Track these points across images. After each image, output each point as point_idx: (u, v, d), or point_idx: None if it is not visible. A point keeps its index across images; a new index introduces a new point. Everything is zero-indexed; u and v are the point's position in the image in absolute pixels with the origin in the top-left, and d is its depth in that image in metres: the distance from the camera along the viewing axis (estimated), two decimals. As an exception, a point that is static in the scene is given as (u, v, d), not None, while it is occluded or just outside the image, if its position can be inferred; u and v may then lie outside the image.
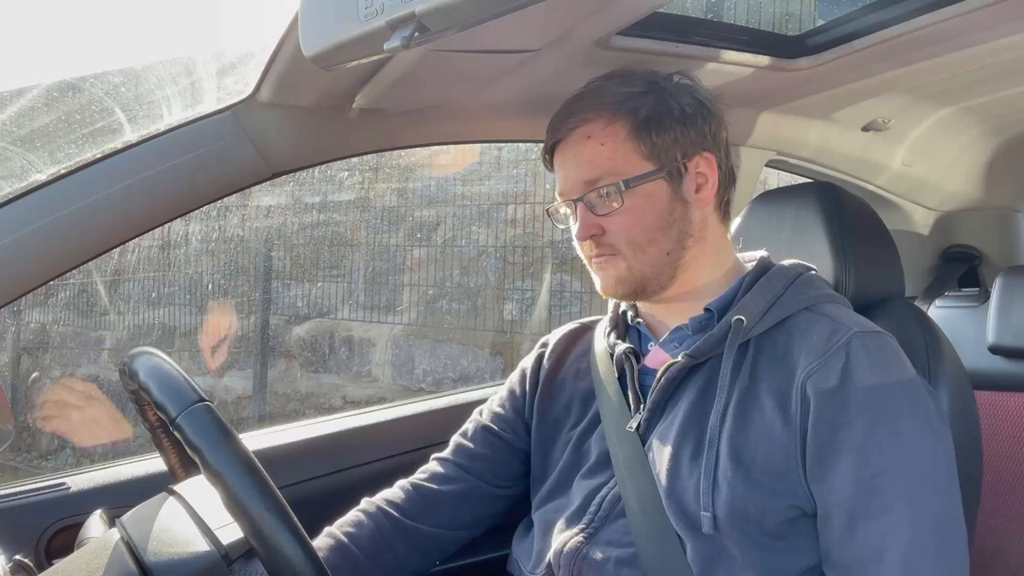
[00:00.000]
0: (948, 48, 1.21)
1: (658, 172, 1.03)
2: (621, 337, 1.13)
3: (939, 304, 1.82)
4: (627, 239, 1.03)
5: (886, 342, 0.96)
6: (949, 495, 0.90)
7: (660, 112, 1.04)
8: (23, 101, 1.54)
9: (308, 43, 0.88)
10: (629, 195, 1.02)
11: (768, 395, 0.95)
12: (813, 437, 0.91)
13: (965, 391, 1.13)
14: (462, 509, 1.18)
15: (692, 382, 1.01)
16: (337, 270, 5.43)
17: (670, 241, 1.04)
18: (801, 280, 1.04)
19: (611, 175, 1.03)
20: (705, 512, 0.92)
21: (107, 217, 1.09)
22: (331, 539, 1.11)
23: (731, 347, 0.98)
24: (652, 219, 1.03)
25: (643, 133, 1.03)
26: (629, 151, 1.03)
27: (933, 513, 0.88)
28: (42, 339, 6.69)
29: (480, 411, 1.27)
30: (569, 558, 1.01)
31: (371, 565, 1.10)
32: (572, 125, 1.06)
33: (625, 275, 1.05)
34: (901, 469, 0.88)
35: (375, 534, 1.12)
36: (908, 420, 0.91)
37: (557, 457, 1.13)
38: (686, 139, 1.05)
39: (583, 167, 1.05)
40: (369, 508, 1.16)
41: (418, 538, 1.15)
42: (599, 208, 1.04)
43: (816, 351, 0.94)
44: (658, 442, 1.01)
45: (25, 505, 1.15)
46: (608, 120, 1.04)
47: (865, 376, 0.92)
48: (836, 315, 0.99)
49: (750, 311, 1.00)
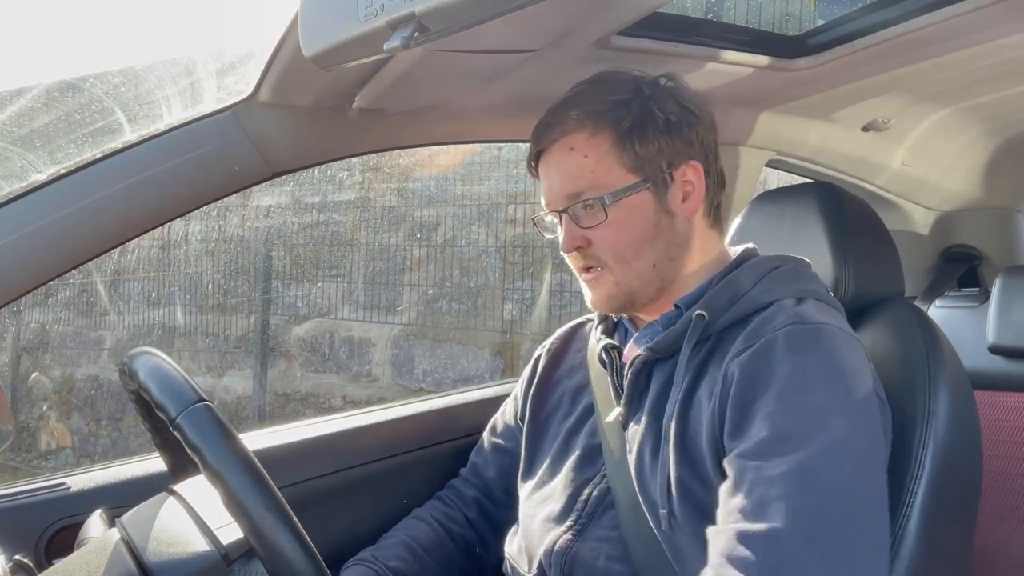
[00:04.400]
0: (948, 48, 1.21)
1: (642, 184, 1.02)
2: (608, 332, 1.14)
3: (939, 304, 1.82)
4: (613, 252, 1.02)
5: (825, 330, 0.93)
6: (856, 475, 0.85)
7: (643, 122, 1.02)
8: (23, 101, 1.54)
9: (308, 43, 0.88)
10: (613, 208, 1.01)
11: (706, 387, 0.95)
12: (730, 413, 0.90)
13: (965, 391, 1.13)
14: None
15: (656, 377, 1.02)
16: (337, 270, 5.43)
17: (656, 253, 1.03)
18: (773, 275, 1.02)
19: (594, 188, 1.01)
20: (663, 509, 0.93)
21: (107, 217, 1.09)
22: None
23: (689, 341, 0.98)
24: (638, 231, 1.02)
25: (626, 144, 1.01)
26: (612, 163, 1.02)
27: (828, 483, 0.83)
28: (42, 339, 6.68)
29: (492, 424, 1.32)
30: (560, 556, 1.01)
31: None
32: (554, 136, 1.04)
33: (614, 291, 1.04)
34: (801, 437, 0.85)
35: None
36: (826, 395, 0.88)
37: (546, 450, 1.14)
38: (671, 149, 1.03)
39: (566, 179, 1.03)
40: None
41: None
42: (584, 221, 1.02)
43: (749, 336, 0.94)
44: (632, 436, 1.02)
45: (25, 505, 1.14)
46: (591, 131, 1.02)
47: (789, 356, 0.90)
48: (791, 308, 0.97)
49: (712, 307, 0.99)
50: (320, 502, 1.31)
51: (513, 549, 1.12)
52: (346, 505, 1.33)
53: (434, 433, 1.45)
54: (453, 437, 1.45)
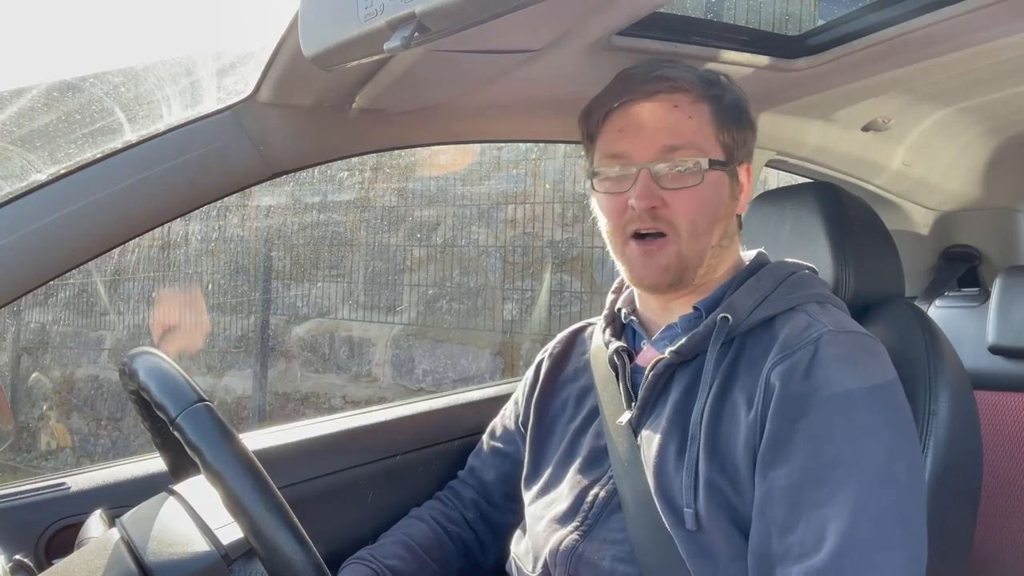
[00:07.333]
0: (948, 48, 1.21)
1: (728, 164, 1.03)
2: (616, 335, 1.14)
3: (939, 304, 1.82)
4: (690, 219, 1.01)
5: (861, 340, 0.95)
6: (905, 493, 0.87)
7: (736, 110, 1.05)
8: (23, 101, 1.54)
9: (308, 43, 0.88)
10: (706, 176, 1.00)
11: (741, 391, 0.95)
12: (771, 426, 0.90)
13: (965, 391, 1.13)
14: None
15: (678, 379, 1.02)
16: (337, 270, 5.43)
17: (718, 234, 1.04)
18: (792, 279, 1.04)
19: (695, 149, 1.00)
20: (688, 509, 0.93)
21: (107, 217, 1.09)
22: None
23: (715, 344, 0.98)
24: (715, 207, 1.03)
25: (724, 123, 1.03)
26: (710, 134, 1.02)
27: (880, 506, 0.85)
28: (42, 339, 6.68)
29: (491, 428, 1.32)
30: (565, 556, 1.01)
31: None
32: (659, 88, 1.01)
33: (673, 262, 1.02)
34: (852, 461, 0.86)
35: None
36: (868, 414, 0.89)
37: (552, 453, 1.14)
38: (747, 144, 1.06)
39: (665, 131, 1.00)
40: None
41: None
42: (667, 181, 1.00)
43: (785, 345, 0.94)
44: (648, 438, 1.01)
45: (25, 505, 1.14)
46: (697, 97, 1.02)
47: (829, 371, 0.91)
48: (816, 314, 0.98)
49: (736, 309, 1.00)
50: (320, 502, 1.31)
51: (520, 549, 1.12)
52: (346, 505, 1.33)
53: (434, 433, 1.45)
54: (453, 437, 1.45)
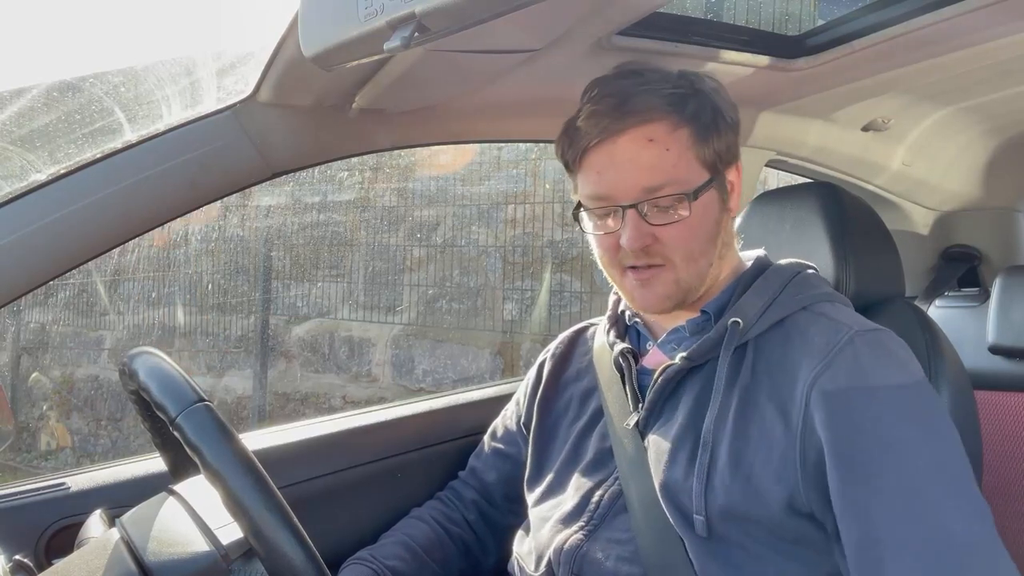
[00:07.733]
0: (948, 48, 1.21)
1: (713, 181, 1.00)
2: (620, 336, 1.13)
3: (939, 304, 1.82)
4: (684, 251, 0.99)
5: (889, 337, 0.95)
6: (974, 488, 0.86)
7: (716, 118, 1.00)
8: (23, 101, 1.54)
9: (308, 43, 0.88)
10: (693, 206, 0.97)
11: (768, 400, 0.93)
12: (831, 439, 0.87)
13: (965, 391, 1.13)
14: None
15: (689, 384, 1.01)
16: (337, 270, 5.43)
17: (715, 251, 1.02)
18: (798, 279, 1.03)
19: (676, 184, 0.97)
20: (698, 515, 0.92)
21: (107, 217, 1.09)
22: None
23: (727, 350, 0.97)
24: (708, 229, 1.00)
25: (706, 139, 0.99)
26: (692, 159, 0.98)
27: (972, 509, 0.84)
28: (42, 339, 6.69)
29: (492, 428, 1.32)
30: (569, 556, 1.01)
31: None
32: (631, 123, 0.96)
33: (672, 290, 1.00)
34: (936, 466, 0.85)
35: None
36: (934, 416, 0.88)
37: (556, 454, 1.14)
38: (733, 146, 1.03)
39: (643, 172, 0.96)
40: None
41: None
42: (655, 217, 0.98)
43: (818, 353, 0.92)
44: (656, 442, 1.01)
45: (25, 505, 1.14)
46: (674, 124, 0.97)
47: (880, 373, 0.89)
48: (833, 314, 0.98)
49: (746, 313, 0.99)
50: (320, 502, 1.31)
51: (523, 549, 1.12)
52: (346, 505, 1.33)
53: (434, 433, 1.45)
54: (453, 437, 1.45)
